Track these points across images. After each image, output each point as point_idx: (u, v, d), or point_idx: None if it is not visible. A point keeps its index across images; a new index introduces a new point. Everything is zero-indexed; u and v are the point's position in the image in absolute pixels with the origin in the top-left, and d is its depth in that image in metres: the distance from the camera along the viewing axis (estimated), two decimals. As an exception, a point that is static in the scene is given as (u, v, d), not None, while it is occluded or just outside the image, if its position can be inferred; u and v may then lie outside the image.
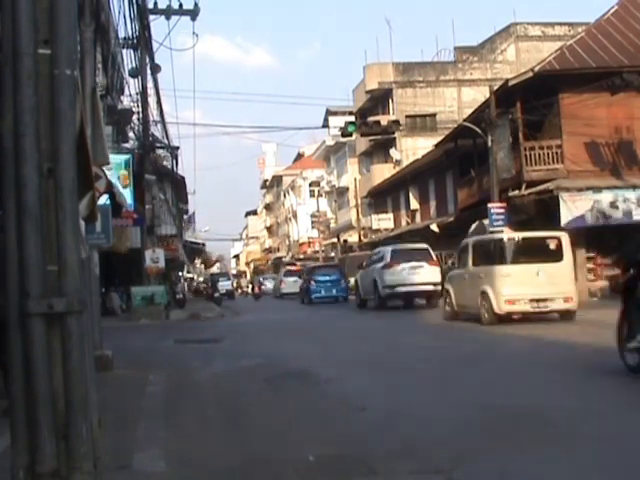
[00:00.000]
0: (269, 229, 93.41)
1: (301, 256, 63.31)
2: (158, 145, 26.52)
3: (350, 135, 26.75)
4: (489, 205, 23.29)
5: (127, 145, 25.97)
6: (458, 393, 6.82)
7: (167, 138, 27.01)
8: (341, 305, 27.88)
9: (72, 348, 2.63)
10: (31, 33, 2.63)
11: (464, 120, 28.58)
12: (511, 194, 23.69)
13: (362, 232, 46.75)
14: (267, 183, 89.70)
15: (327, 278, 30.57)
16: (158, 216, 28.31)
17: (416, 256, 22.31)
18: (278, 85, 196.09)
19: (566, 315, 14.08)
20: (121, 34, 16.28)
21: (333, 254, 53.37)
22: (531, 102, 23.09)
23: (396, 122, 27.25)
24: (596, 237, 22.59)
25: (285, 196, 77.37)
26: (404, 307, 22.33)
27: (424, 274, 21.77)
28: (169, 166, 30.74)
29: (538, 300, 13.85)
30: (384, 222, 43.67)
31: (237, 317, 23.81)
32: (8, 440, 2.69)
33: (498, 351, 10.34)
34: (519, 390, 6.82)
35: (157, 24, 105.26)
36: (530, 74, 23.40)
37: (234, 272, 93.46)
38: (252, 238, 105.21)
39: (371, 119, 30.98)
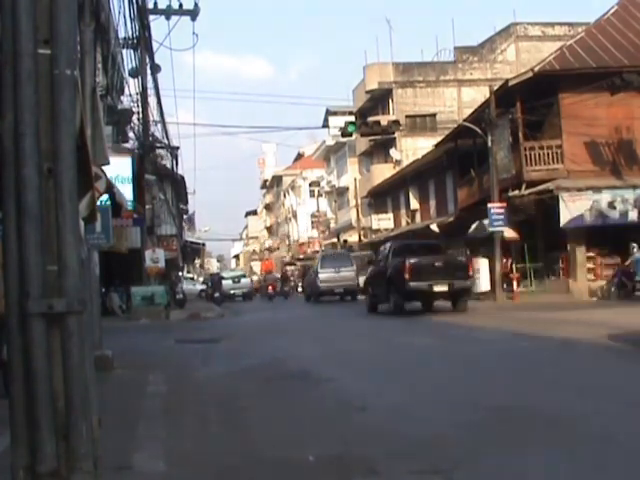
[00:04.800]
0: (269, 229, 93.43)
1: (301, 256, 63.29)
2: (158, 145, 26.51)
3: (350, 135, 26.75)
4: (489, 205, 23.31)
5: (127, 145, 25.95)
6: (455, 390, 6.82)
7: (167, 138, 27.03)
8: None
9: (72, 348, 2.63)
10: (31, 33, 2.63)
11: (464, 120, 28.60)
12: (511, 194, 23.70)
13: (362, 232, 46.76)
14: (267, 183, 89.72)
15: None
16: (158, 216, 28.33)
17: None
18: (278, 86, 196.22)
19: None
20: (121, 34, 16.27)
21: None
22: (531, 102, 23.10)
23: (396, 122, 27.25)
24: (596, 237, 22.61)
25: (285, 196, 77.35)
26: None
27: None
28: (169, 166, 30.74)
29: None
30: (384, 222, 43.68)
31: (237, 317, 23.81)
32: (8, 440, 2.69)
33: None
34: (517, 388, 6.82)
35: (157, 24, 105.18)
36: (530, 74, 23.41)
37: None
38: (252, 238, 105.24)
39: (371, 119, 30.98)
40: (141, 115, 23.88)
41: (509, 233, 24.23)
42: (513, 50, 42.57)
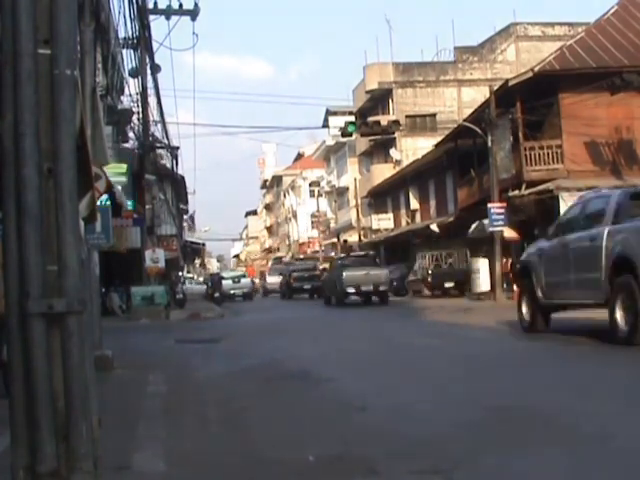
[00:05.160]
0: (269, 229, 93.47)
1: (301, 256, 63.35)
2: (158, 145, 26.50)
3: (350, 135, 26.75)
4: (489, 205, 23.33)
5: (127, 145, 25.95)
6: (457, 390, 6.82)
7: (167, 138, 27.03)
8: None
9: (72, 348, 2.63)
10: (31, 33, 2.63)
11: (464, 120, 28.62)
12: (511, 194, 23.72)
13: (362, 232, 46.79)
14: (267, 183, 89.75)
15: None
16: (158, 216, 28.33)
17: None
18: (278, 86, 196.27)
19: None
20: (121, 34, 16.27)
21: (333, 254, 53.41)
22: (531, 102, 23.12)
23: (396, 122, 27.26)
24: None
25: (285, 196, 77.39)
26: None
27: None
28: (169, 166, 30.74)
29: None
30: (384, 222, 43.72)
31: (237, 317, 23.82)
32: (8, 440, 2.69)
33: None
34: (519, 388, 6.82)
35: (157, 24, 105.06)
36: (530, 74, 23.42)
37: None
38: (252, 238, 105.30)
39: (371, 119, 31.00)
40: (141, 115, 23.87)
41: (509, 233, 24.23)
42: (513, 50, 42.58)
